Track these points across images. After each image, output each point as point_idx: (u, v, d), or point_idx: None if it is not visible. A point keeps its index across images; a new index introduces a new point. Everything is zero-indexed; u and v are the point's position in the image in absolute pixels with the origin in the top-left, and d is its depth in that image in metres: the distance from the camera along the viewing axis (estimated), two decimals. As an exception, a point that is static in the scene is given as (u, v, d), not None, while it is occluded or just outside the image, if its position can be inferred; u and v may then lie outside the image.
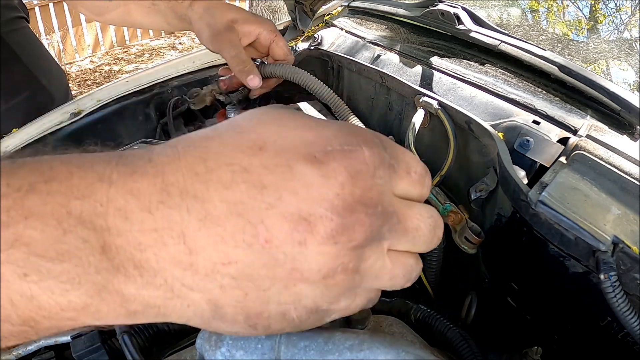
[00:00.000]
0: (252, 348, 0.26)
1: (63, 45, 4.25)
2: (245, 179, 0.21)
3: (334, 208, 0.21)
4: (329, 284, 0.23)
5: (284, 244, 0.21)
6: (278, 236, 0.21)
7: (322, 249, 0.21)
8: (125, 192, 0.21)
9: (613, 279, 0.32)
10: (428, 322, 0.39)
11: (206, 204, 0.21)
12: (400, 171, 0.25)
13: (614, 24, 0.87)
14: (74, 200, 0.20)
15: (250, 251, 0.21)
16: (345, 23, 0.91)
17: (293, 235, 0.21)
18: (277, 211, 0.21)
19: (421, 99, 0.56)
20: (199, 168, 0.22)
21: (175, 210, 0.21)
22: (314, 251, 0.21)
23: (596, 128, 0.48)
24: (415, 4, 0.79)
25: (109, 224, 0.21)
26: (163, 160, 0.22)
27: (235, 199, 0.21)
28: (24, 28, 1.06)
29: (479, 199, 0.48)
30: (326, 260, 0.22)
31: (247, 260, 0.21)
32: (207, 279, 0.21)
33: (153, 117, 0.79)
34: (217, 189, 0.21)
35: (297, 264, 0.22)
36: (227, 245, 0.21)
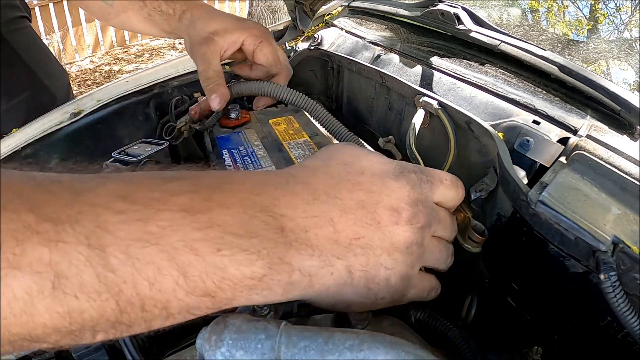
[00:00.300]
0: (252, 348, 0.26)
1: (63, 45, 4.25)
2: (360, 188, 0.33)
3: (407, 203, 0.33)
4: (409, 252, 0.33)
5: (387, 224, 0.32)
6: (384, 219, 0.32)
7: (405, 228, 0.33)
8: (287, 192, 0.30)
9: (613, 279, 0.32)
10: (428, 323, 0.39)
11: (343, 200, 0.32)
12: (435, 182, 0.37)
13: (614, 24, 0.87)
14: (253, 196, 0.28)
15: (370, 229, 0.32)
16: (345, 23, 0.91)
17: (391, 219, 0.32)
18: (381, 205, 0.33)
19: (421, 99, 0.56)
20: (330, 181, 0.33)
21: (325, 204, 0.31)
22: (402, 229, 0.33)
23: (596, 128, 0.48)
24: (415, 4, 0.79)
25: (283, 212, 0.29)
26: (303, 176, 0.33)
27: (358, 197, 0.32)
28: (26, 27, 1.06)
29: (479, 199, 0.48)
30: (407, 235, 0.33)
31: (368, 235, 0.32)
32: (346, 250, 0.31)
33: (153, 117, 0.79)
34: (346, 192, 0.32)
35: (393, 238, 0.32)
36: (357, 226, 0.31)
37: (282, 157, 0.62)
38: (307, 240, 0.29)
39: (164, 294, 0.24)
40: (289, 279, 0.28)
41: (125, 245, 0.23)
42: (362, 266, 0.31)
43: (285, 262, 0.28)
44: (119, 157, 0.61)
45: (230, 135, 0.69)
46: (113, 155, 0.61)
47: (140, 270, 0.24)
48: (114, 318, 0.24)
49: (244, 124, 0.73)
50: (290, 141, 0.66)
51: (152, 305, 0.24)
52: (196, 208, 0.26)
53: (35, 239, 0.22)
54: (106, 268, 0.23)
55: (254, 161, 0.61)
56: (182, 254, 0.25)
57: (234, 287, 0.26)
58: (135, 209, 0.24)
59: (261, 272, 0.27)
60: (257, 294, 0.27)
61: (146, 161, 0.60)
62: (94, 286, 0.23)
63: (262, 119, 0.74)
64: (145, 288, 0.24)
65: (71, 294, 0.23)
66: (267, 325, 0.28)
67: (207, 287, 0.25)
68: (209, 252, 0.25)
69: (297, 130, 0.69)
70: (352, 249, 0.31)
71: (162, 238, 0.24)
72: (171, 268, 0.24)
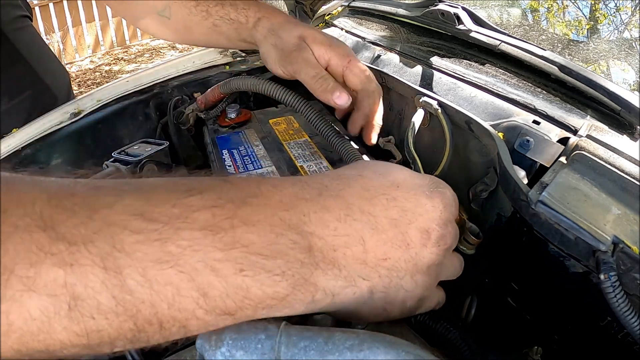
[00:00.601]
0: (252, 348, 0.26)
1: (63, 45, 4.25)
2: (395, 204, 0.31)
3: (438, 224, 0.32)
4: (429, 272, 0.32)
5: (416, 246, 0.31)
6: (414, 241, 0.31)
7: (432, 250, 0.32)
8: (319, 208, 0.28)
9: (613, 279, 0.32)
10: (428, 324, 0.39)
11: (376, 219, 0.30)
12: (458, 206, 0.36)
13: (614, 24, 0.87)
14: (281, 212, 0.27)
15: (399, 251, 0.30)
16: (345, 23, 0.91)
17: (421, 241, 0.31)
18: (413, 225, 0.31)
19: (421, 99, 0.56)
20: (365, 194, 0.31)
21: (357, 222, 0.29)
22: (428, 251, 0.31)
23: (596, 128, 0.48)
24: (415, 4, 0.79)
25: (312, 230, 0.27)
26: (337, 187, 0.31)
27: (392, 216, 0.31)
28: (28, 27, 1.06)
29: (479, 199, 0.48)
30: (433, 257, 0.32)
31: (396, 257, 0.30)
32: (372, 270, 0.30)
33: (153, 117, 0.79)
34: (381, 209, 0.30)
35: (418, 260, 0.31)
36: (387, 247, 0.30)
37: (282, 157, 0.62)
38: (334, 260, 0.28)
39: (183, 314, 0.24)
40: (312, 299, 0.27)
41: (143, 267, 0.23)
42: (384, 288, 0.30)
43: (310, 282, 0.27)
44: (119, 157, 0.61)
45: (230, 135, 0.69)
46: (113, 155, 0.61)
47: (159, 292, 0.23)
48: (132, 336, 0.24)
49: (244, 124, 0.73)
50: (291, 141, 0.66)
51: (170, 324, 0.24)
52: (219, 226, 0.25)
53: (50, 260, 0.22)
54: (123, 290, 0.22)
55: (254, 161, 0.61)
56: (203, 275, 0.24)
57: (255, 307, 0.25)
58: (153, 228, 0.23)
59: (284, 292, 0.26)
60: (278, 311, 0.27)
61: (146, 161, 0.60)
62: (111, 308, 0.22)
63: (262, 119, 0.74)
64: (164, 309, 0.23)
65: (88, 315, 0.22)
66: (267, 325, 0.28)
67: (228, 307, 0.25)
68: (230, 273, 0.24)
69: (297, 130, 0.69)
70: (377, 270, 0.30)
71: (182, 258, 0.23)
72: (191, 289, 0.24)
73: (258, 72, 0.84)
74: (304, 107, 0.61)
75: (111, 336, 0.23)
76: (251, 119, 0.74)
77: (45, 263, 0.21)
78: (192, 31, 0.68)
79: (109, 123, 0.75)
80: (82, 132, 0.72)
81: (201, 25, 0.66)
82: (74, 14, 4.26)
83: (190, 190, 0.26)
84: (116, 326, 0.23)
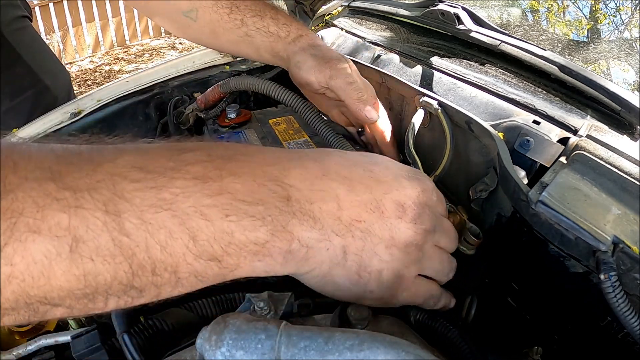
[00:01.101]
0: (252, 348, 0.26)
1: (63, 45, 4.25)
2: (372, 175, 0.34)
3: (415, 203, 0.34)
4: (407, 251, 0.34)
5: (391, 216, 0.33)
6: (389, 210, 0.33)
7: (408, 226, 0.33)
8: (298, 166, 0.31)
9: (613, 279, 0.32)
10: (428, 323, 0.39)
11: (352, 181, 0.33)
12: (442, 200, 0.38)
13: (614, 24, 0.87)
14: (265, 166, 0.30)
15: (373, 215, 0.32)
16: (345, 23, 0.91)
17: (396, 212, 0.33)
18: (389, 197, 0.33)
19: (421, 99, 0.56)
20: (344, 163, 0.34)
21: (334, 182, 0.32)
22: (404, 226, 0.33)
23: (596, 128, 0.48)
24: (415, 4, 0.79)
25: (292, 182, 0.30)
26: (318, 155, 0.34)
27: (368, 183, 0.33)
28: (28, 27, 1.06)
29: (479, 199, 0.48)
30: (409, 233, 0.33)
31: (370, 220, 0.32)
32: (346, 229, 0.32)
33: (153, 117, 0.80)
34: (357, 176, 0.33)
35: (394, 233, 0.33)
36: (361, 209, 0.32)
37: (282, 157, 0.62)
38: (310, 212, 0.30)
39: (174, 258, 0.26)
40: (289, 248, 0.30)
41: (140, 211, 0.25)
42: (357, 250, 0.32)
43: (287, 230, 0.29)
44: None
45: (230, 136, 0.69)
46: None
47: (153, 234, 0.25)
48: (127, 281, 0.25)
49: (244, 124, 0.73)
50: (290, 141, 0.66)
51: (162, 268, 0.26)
52: (208, 176, 0.27)
53: (56, 205, 0.23)
54: (121, 232, 0.24)
55: (254, 161, 0.61)
56: (193, 219, 0.26)
57: (239, 252, 0.28)
58: (150, 177, 0.26)
59: (264, 238, 0.28)
60: (259, 260, 0.29)
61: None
62: (109, 249, 0.24)
63: (262, 119, 0.74)
64: (157, 251, 0.25)
65: (87, 257, 0.24)
66: (267, 325, 0.28)
67: (215, 251, 0.27)
68: (217, 217, 0.27)
69: (297, 130, 0.69)
70: (351, 230, 0.32)
71: (175, 204, 0.26)
72: (182, 232, 0.26)
73: (258, 72, 0.84)
74: (303, 106, 0.62)
75: (107, 281, 0.25)
76: (251, 119, 0.74)
77: (52, 208, 0.23)
78: (219, 37, 0.67)
79: (109, 123, 0.75)
80: (82, 132, 0.72)
81: (231, 32, 0.65)
82: (74, 14, 4.26)
83: (184, 149, 0.29)
84: (112, 269, 0.25)
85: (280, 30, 0.63)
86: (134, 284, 0.26)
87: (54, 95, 1.06)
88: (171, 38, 4.90)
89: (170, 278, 0.27)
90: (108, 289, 0.25)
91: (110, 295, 0.26)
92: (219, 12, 0.64)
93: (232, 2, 0.64)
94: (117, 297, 0.26)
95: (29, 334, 0.44)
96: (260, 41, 0.64)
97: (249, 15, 0.64)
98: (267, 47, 0.65)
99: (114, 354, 0.37)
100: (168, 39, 4.89)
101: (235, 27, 0.64)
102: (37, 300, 0.24)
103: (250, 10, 0.64)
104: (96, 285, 0.25)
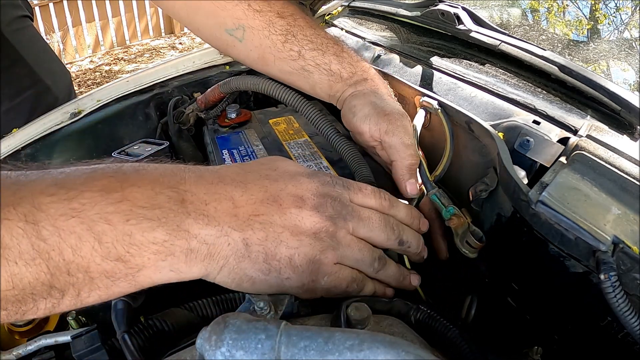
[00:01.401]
0: (252, 348, 0.26)
1: (63, 45, 4.25)
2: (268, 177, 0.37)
3: (314, 194, 0.37)
4: (318, 237, 0.36)
5: (290, 207, 0.36)
6: (286, 202, 0.36)
7: (311, 214, 0.36)
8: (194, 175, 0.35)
9: (613, 279, 0.32)
10: (428, 323, 0.39)
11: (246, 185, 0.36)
12: (353, 189, 0.40)
13: (614, 24, 0.87)
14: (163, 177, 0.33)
15: (271, 208, 0.35)
16: (346, 23, 0.91)
17: (295, 203, 0.36)
18: (286, 192, 0.37)
19: (421, 99, 0.56)
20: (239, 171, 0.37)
21: (228, 186, 0.35)
22: (307, 214, 0.36)
23: (596, 128, 0.48)
24: (415, 4, 0.79)
25: (187, 188, 0.33)
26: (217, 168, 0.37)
27: (264, 184, 0.37)
28: (29, 27, 1.06)
29: (479, 199, 0.48)
30: (314, 221, 0.36)
31: (268, 212, 0.35)
32: (244, 224, 0.34)
33: (153, 117, 0.80)
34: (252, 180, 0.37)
35: (297, 221, 0.36)
36: (257, 205, 0.35)
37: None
38: (205, 211, 0.33)
39: (84, 259, 0.30)
40: (188, 245, 0.32)
41: (54, 219, 0.29)
42: (260, 240, 0.34)
43: (183, 229, 0.32)
44: (119, 157, 0.61)
45: (230, 135, 0.69)
46: (113, 155, 0.61)
47: (65, 239, 0.29)
48: (47, 282, 0.29)
49: (244, 124, 0.73)
50: (291, 141, 0.66)
51: (75, 269, 0.30)
52: (112, 188, 0.31)
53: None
54: (39, 238, 0.29)
55: (254, 161, 0.61)
56: (98, 225, 0.30)
57: (141, 252, 0.31)
58: (63, 192, 0.30)
59: (162, 237, 0.31)
60: (162, 260, 0.32)
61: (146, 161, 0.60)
62: (29, 253, 0.28)
63: (262, 119, 0.74)
64: (69, 254, 0.29)
65: (12, 261, 0.28)
66: (267, 325, 0.28)
67: (119, 252, 0.30)
68: (119, 222, 0.30)
69: (297, 130, 0.69)
70: (250, 223, 0.34)
71: (83, 212, 0.30)
72: (89, 236, 0.30)
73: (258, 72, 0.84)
74: (305, 106, 0.61)
75: (30, 282, 0.29)
76: (251, 119, 0.74)
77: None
78: (269, 64, 0.61)
79: (109, 123, 0.75)
80: (82, 132, 0.72)
81: (285, 63, 0.59)
82: (74, 14, 4.26)
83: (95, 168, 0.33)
84: (34, 271, 0.29)
85: (343, 69, 0.58)
86: (54, 284, 0.29)
87: (55, 95, 1.06)
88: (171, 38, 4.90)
89: (85, 278, 0.30)
90: (33, 290, 0.29)
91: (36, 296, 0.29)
92: (272, 38, 0.58)
93: (287, 29, 0.58)
94: (43, 299, 0.30)
95: (29, 334, 0.44)
96: (318, 78, 0.59)
97: (307, 47, 0.58)
98: (325, 86, 0.59)
99: (114, 354, 0.37)
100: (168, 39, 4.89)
101: (290, 58, 0.58)
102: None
103: (310, 42, 0.58)
104: (22, 286, 0.28)
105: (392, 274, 0.42)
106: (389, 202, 0.42)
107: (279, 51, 0.58)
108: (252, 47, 0.60)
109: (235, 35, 0.60)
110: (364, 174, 0.53)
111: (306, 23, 0.59)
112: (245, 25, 0.59)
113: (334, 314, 0.36)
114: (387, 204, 0.42)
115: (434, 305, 0.40)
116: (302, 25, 0.59)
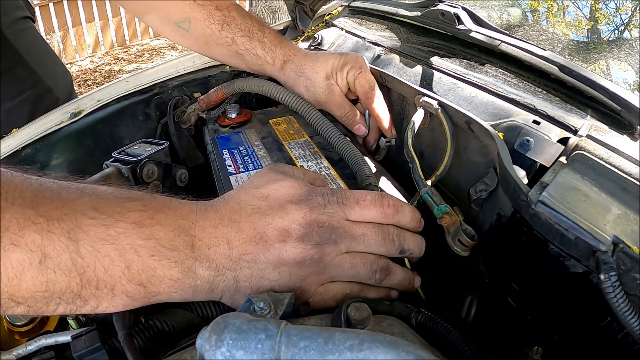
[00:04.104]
0: (252, 348, 0.26)
1: (63, 45, 4.25)
2: (258, 212, 0.40)
3: (300, 224, 0.39)
4: (301, 265, 0.38)
5: (274, 242, 0.38)
6: (272, 238, 0.38)
7: (295, 245, 0.38)
8: (202, 218, 0.39)
9: (613, 279, 0.32)
10: (429, 325, 0.39)
11: (239, 224, 0.39)
12: (349, 204, 0.41)
13: (614, 24, 0.87)
14: (180, 219, 0.38)
15: (257, 247, 0.38)
16: (346, 23, 0.91)
17: (279, 238, 0.38)
18: (271, 226, 0.39)
19: (421, 99, 0.56)
20: (236, 207, 0.40)
21: (225, 227, 0.39)
22: (291, 246, 0.38)
23: (596, 128, 0.48)
24: (415, 4, 0.79)
25: (195, 233, 0.38)
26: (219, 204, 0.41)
27: (253, 219, 0.39)
28: (30, 28, 1.06)
29: (479, 199, 0.48)
30: (297, 252, 0.38)
31: (255, 252, 0.38)
32: (236, 263, 0.38)
33: (153, 117, 0.79)
34: (245, 216, 0.39)
35: (281, 254, 0.38)
36: (246, 244, 0.38)
37: (283, 157, 0.62)
38: (207, 256, 0.37)
39: (112, 278, 0.34)
40: (195, 283, 0.37)
41: (93, 241, 0.33)
42: (246, 277, 0.38)
43: (192, 271, 0.37)
44: (119, 157, 0.61)
45: (231, 135, 0.69)
46: (113, 155, 0.61)
47: (100, 259, 0.33)
48: (77, 291, 0.33)
49: (244, 123, 0.73)
50: (291, 141, 0.66)
51: (103, 285, 0.34)
52: (142, 222, 0.36)
53: (32, 227, 0.31)
54: (78, 255, 0.33)
55: (254, 161, 0.61)
56: (129, 253, 0.34)
57: (159, 283, 0.36)
58: (102, 217, 0.34)
59: (176, 276, 0.36)
60: (174, 292, 0.36)
61: (146, 161, 0.60)
62: (68, 266, 0.32)
63: (263, 119, 0.74)
64: (101, 272, 0.33)
65: (51, 269, 0.32)
66: (267, 325, 0.28)
67: (142, 279, 0.35)
68: (146, 255, 0.35)
69: (297, 130, 0.69)
70: (240, 263, 0.38)
71: (117, 240, 0.34)
72: (120, 262, 0.34)
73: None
74: (307, 109, 0.62)
75: (62, 289, 0.33)
76: (251, 119, 0.74)
77: (29, 229, 0.31)
78: (212, 49, 0.72)
79: (109, 123, 0.75)
80: (82, 132, 0.72)
81: (224, 47, 0.70)
82: (74, 14, 4.26)
83: (128, 197, 0.37)
84: (67, 281, 0.33)
85: (266, 54, 0.70)
86: (81, 294, 0.33)
87: (56, 96, 1.06)
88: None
89: (108, 293, 0.34)
90: (61, 295, 0.33)
91: (61, 301, 0.33)
92: (211, 27, 0.69)
93: (223, 19, 0.69)
94: (66, 304, 0.33)
95: (29, 334, 0.44)
96: (250, 61, 0.71)
97: (239, 34, 0.69)
98: (258, 69, 0.72)
99: (114, 354, 0.37)
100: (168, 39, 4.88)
101: (226, 44, 0.70)
102: (6, 298, 0.31)
103: (240, 30, 0.69)
104: (53, 290, 0.32)
105: (397, 282, 0.42)
106: (392, 208, 0.41)
107: (217, 38, 0.69)
108: (197, 35, 0.70)
109: (183, 26, 0.70)
110: (366, 174, 0.53)
111: (239, 14, 0.70)
112: (190, 18, 0.69)
113: (334, 314, 0.36)
114: (391, 211, 0.41)
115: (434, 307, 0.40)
116: (235, 16, 0.69)
